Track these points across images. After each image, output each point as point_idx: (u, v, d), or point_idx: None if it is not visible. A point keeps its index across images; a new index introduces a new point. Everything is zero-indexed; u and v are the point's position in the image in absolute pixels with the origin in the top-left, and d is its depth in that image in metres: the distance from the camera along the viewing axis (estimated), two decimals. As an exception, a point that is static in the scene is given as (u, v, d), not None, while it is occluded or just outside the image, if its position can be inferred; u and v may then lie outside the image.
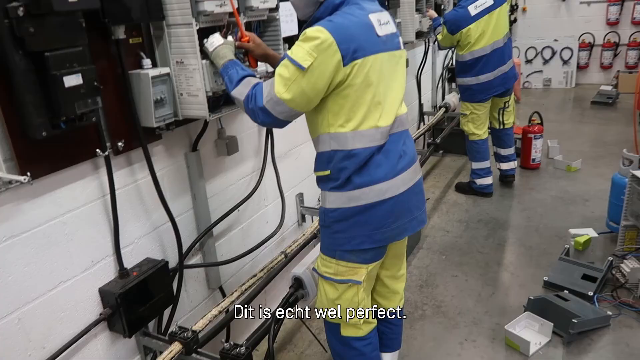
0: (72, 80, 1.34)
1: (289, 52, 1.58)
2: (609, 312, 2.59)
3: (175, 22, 1.69)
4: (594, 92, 7.24)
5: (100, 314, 1.73)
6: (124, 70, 1.63)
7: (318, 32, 1.53)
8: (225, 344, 1.72)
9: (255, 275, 2.23)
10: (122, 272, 1.79)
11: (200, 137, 2.07)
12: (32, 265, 1.51)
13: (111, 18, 1.50)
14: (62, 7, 1.26)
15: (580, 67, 8.12)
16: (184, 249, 2.03)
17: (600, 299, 2.73)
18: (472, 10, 3.78)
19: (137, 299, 1.78)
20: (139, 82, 1.67)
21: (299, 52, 1.54)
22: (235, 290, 2.11)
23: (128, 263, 1.82)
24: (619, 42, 7.80)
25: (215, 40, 1.75)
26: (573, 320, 2.42)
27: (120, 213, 1.74)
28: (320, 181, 1.79)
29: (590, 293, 2.72)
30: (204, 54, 1.76)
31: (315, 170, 1.79)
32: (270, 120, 1.64)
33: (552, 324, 2.48)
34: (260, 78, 1.84)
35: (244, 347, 1.70)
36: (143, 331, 1.90)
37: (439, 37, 4.03)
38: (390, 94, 1.70)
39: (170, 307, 1.99)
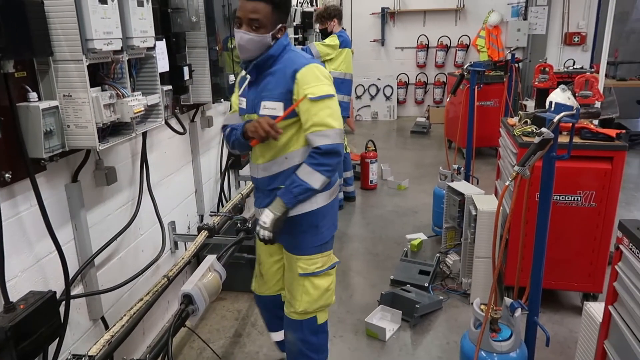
0: (-25, 112, 1.37)
1: (314, 95, 1.84)
2: (441, 297, 3.22)
3: (63, 57, 1.78)
4: (412, 124, 8.54)
5: (-13, 352, 1.67)
6: (12, 103, 1.66)
7: (321, 68, 1.93)
8: (127, 361, 1.80)
9: (141, 299, 2.30)
10: (8, 306, 1.74)
11: (81, 168, 2.12)
12: None
13: (5, 53, 1.55)
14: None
15: (400, 102, 9.52)
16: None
17: (433, 288, 3.36)
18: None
19: (27, 332, 1.74)
20: (28, 115, 1.71)
21: (325, 88, 1.88)
22: (125, 315, 2.16)
23: (12, 297, 1.78)
24: (427, 81, 9.36)
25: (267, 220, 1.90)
26: (416, 306, 2.97)
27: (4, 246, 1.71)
28: None
29: (426, 284, 3.33)
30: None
31: None
32: None
33: (401, 312, 3.00)
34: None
35: (147, 361, 1.80)
36: (29, 367, 1.85)
37: (321, 46, 4.40)
38: None
39: (57, 340, 1.97)
